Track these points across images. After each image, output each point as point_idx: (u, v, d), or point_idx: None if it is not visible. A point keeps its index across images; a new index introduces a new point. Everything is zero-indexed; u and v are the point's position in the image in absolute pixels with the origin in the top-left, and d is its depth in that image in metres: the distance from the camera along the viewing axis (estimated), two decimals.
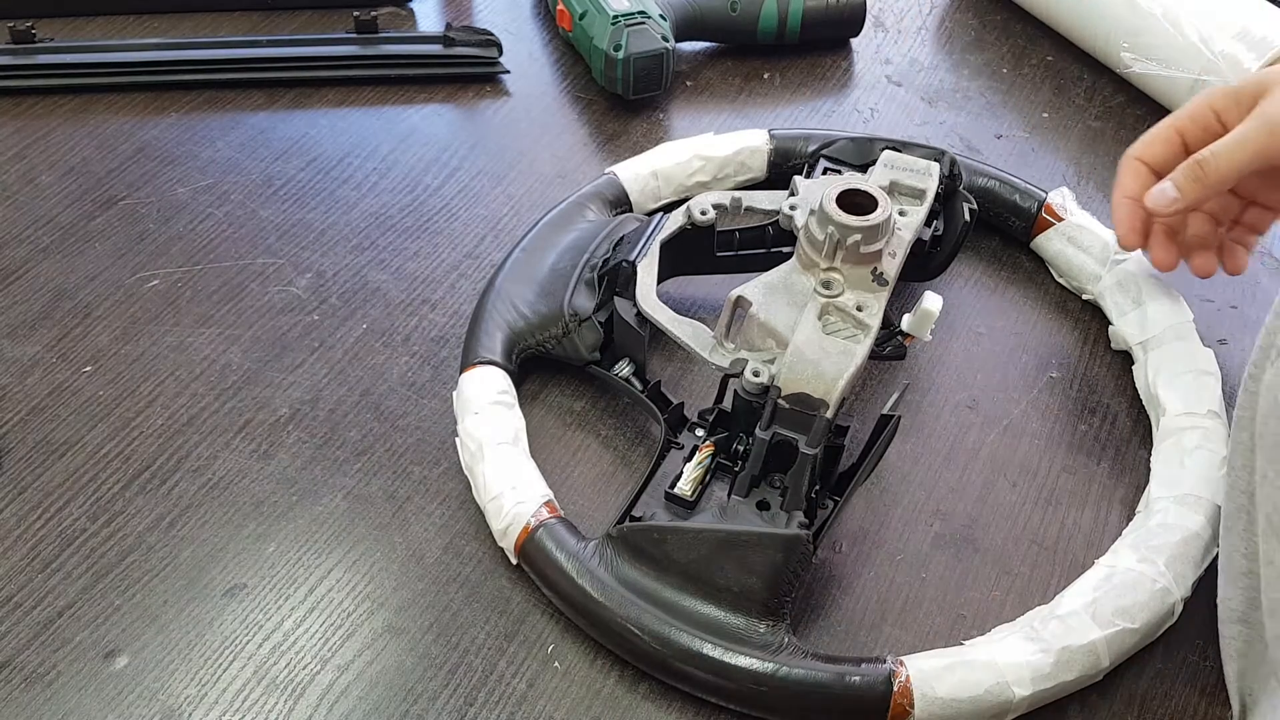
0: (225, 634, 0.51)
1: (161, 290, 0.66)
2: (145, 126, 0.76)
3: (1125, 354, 0.65)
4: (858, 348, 0.53)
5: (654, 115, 0.80)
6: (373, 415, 0.60)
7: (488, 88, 0.81)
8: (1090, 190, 0.75)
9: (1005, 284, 0.69)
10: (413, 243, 0.70)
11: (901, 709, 0.47)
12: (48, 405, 0.60)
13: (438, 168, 0.75)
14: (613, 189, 0.69)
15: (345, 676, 0.50)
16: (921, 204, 0.60)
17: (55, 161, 0.73)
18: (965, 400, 0.63)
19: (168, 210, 0.71)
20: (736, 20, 0.83)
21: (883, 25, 0.89)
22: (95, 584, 0.53)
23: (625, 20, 0.77)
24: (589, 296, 0.61)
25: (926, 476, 0.59)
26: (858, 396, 0.62)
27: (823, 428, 0.51)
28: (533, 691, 0.50)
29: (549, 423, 0.61)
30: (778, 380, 0.52)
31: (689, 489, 0.53)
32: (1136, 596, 0.50)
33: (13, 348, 0.62)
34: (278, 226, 0.70)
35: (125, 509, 0.56)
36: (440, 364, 0.63)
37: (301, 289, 0.67)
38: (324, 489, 0.57)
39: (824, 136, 0.70)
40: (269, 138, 0.76)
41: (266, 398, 0.61)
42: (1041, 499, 0.59)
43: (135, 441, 0.59)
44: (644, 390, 0.58)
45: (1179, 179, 0.56)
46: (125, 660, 0.50)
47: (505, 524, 0.52)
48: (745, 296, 0.55)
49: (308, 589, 0.53)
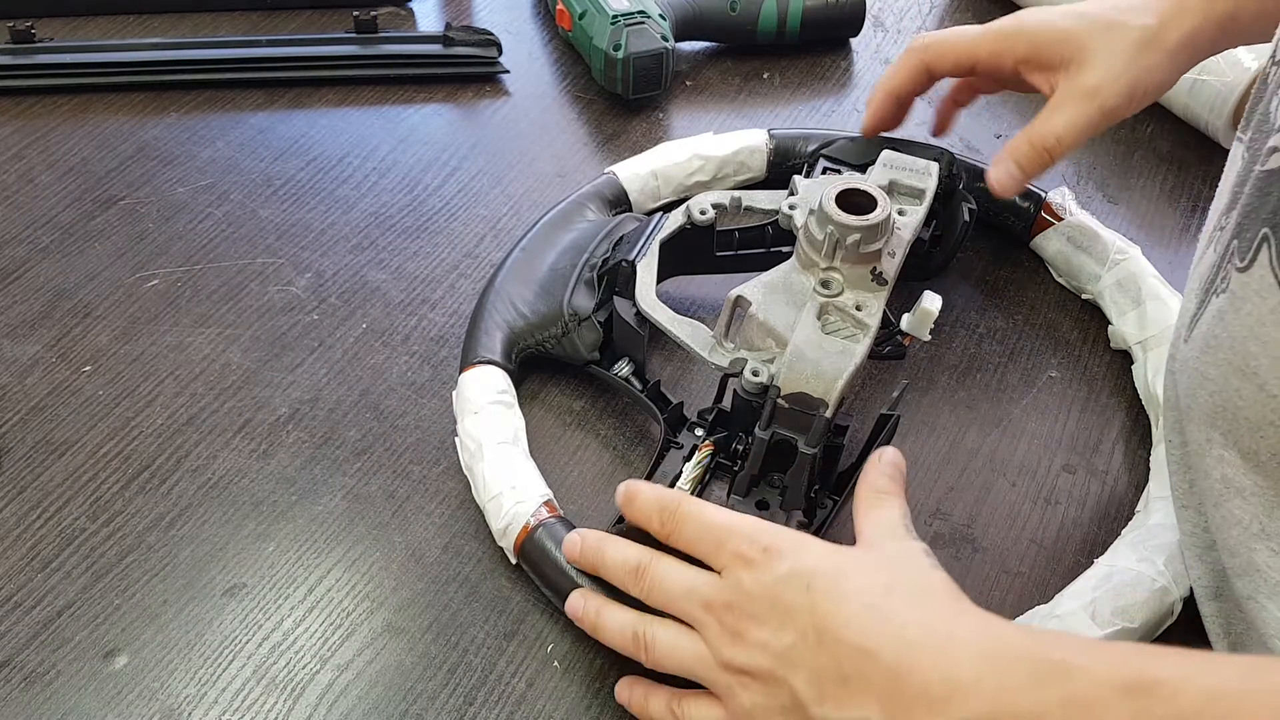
0: (225, 633, 0.51)
1: (161, 290, 0.66)
2: (145, 126, 0.76)
3: (1125, 354, 0.65)
4: (857, 347, 0.53)
5: (653, 115, 0.80)
6: (372, 415, 0.60)
7: (487, 87, 0.81)
8: (1090, 190, 0.75)
9: (1005, 284, 0.69)
10: (412, 242, 0.70)
11: None
12: (47, 405, 0.60)
13: (437, 167, 0.75)
14: (612, 189, 0.69)
15: (345, 676, 0.50)
16: (921, 204, 0.60)
17: (55, 161, 0.73)
18: (965, 400, 0.63)
19: (167, 210, 0.71)
20: (736, 20, 0.83)
21: (883, 25, 0.89)
22: (95, 583, 0.53)
23: (625, 20, 0.77)
24: (588, 296, 0.61)
25: (926, 476, 0.59)
26: (857, 396, 0.62)
27: (822, 427, 0.51)
28: (532, 691, 0.50)
29: (549, 422, 0.61)
30: (777, 380, 0.52)
31: (688, 489, 0.53)
32: (1136, 596, 0.50)
33: (12, 348, 0.62)
34: (277, 226, 0.70)
35: (125, 509, 0.56)
36: (440, 363, 0.63)
37: (301, 289, 0.67)
38: (323, 488, 0.57)
39: (823, 136, 0.70)
40: (268, 137, 0.76)
41: (266, 397, 0.61)
42: (1041, 499, 0.59)
43: (135, 441, 0.59)
44: (643, 390, 0.58)
45: (1025, 163, 0.59)
46: (125, 660, 0.50)
47: (505, 523, 0.52)
48: (744, 296, 0.55)
49: (307, 588, 0.53)
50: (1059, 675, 0.36)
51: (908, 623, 0.40)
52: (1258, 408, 0.41)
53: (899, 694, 0.38)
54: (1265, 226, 0.40)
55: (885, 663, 0.39)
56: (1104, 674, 0.35)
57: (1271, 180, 0.40)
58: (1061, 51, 0.58)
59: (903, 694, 0.38)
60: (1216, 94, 0.74)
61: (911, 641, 0.39)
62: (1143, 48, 0.57)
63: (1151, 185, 0.76)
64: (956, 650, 0.39)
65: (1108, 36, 0.57)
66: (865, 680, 0.39)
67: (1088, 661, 0.36)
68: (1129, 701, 0.34)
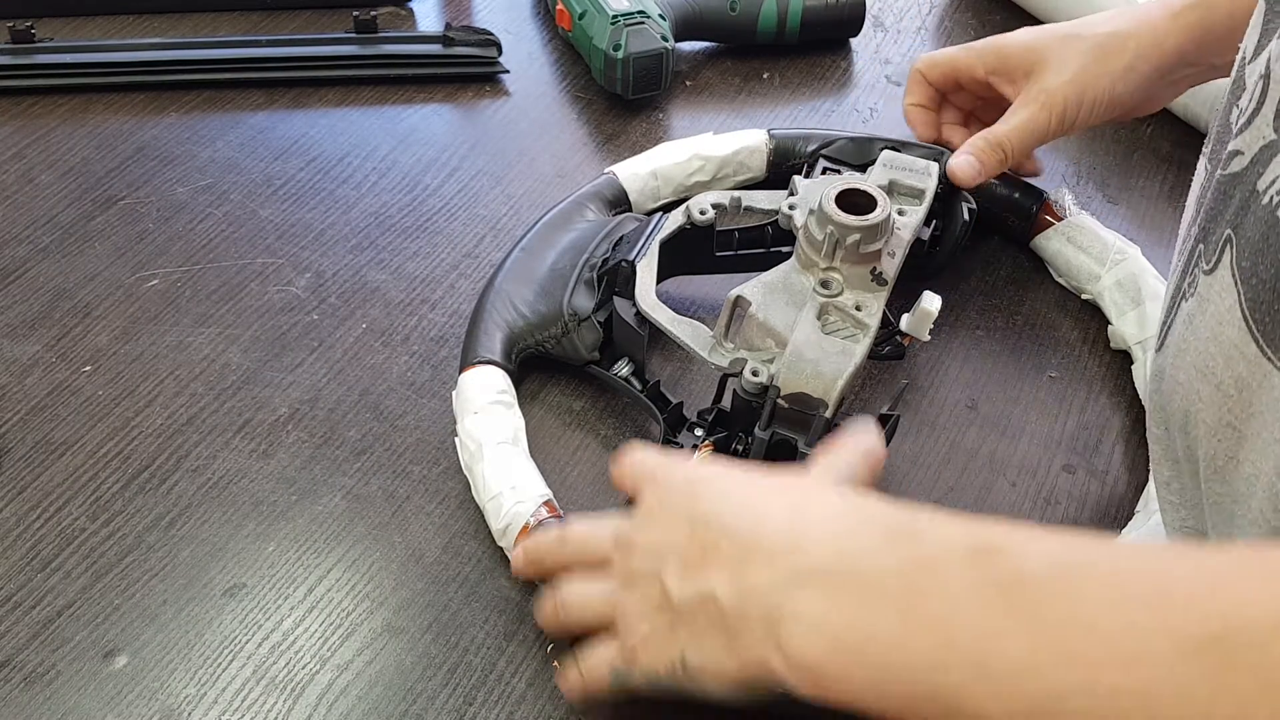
0: (225, 633, 0.51)
1: (161, 290, 0.66)
2: (145, 126, 0.76)
3: (1125, 353, 0.65)
4: (857, 347, 0.53)
5: (653, 115, 0.80)
6: (372, 415, 0.60)
7: (487, 87, 0.81)
8: (1090, 190, 0.75)
9: (1005, 284, 0.69)
10: (412, 242, 0.70)
11: None
12: (47, 405, 0.60)
13: (437, 168, 0.75)
14: (612, 189, 0.69)
15: (345, 676, 0.50)
16: (921, 204, 0.60)
17: (55, 161, 0.73)
18: (965, 400, 0.63)
19: (167, 210, 0.71)
20: (736, 20, 0.83)
21: (882, 25, 0.89)
22: (95, 583, 0.53)
23: (625, 20, 0.77)
24: (588, 296, 0.61)
25: (926, 476, 0.59)
26: (857, 396, 0.62)
27: (821, 427, 0.51)
28: (532, 691, 0.50)
29: (549, 422, 0.61)
30: (777, 380, 0.52)
31: None
32: None
33: (12, 348, 0.62)
34: (277, 226, 0.70)
35: (125, 508, 0.56)
36: (440, 364, 0.63)
37: (301, 289, 0.67)
38: (323, 488, 0.57)
39: (823, 136, 0.70)
40: (268, 137, 0.76)
41: (266, 397, 0.61)
42: (1041, 499, 0.59)
43: (135, 441, 0.59)
44: (643, 390, 0.58)
45: (983, 156, 0.63)
46: (125, 660, 0.50)
47: (504, 523, 0.52)
48: (744, 296, 0.55)
49: (307, 588, 0.53)
50: (908, 538, 0.36)
51: (775, 504, 0.40)
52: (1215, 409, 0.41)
53: (746, 559, 0.39)
54: (1228, 228, 0.40)
55: (741, 536, 0.39)
56: (953, 539, 0.35)
57: (1233, 183, 0.41)
58: (1024, 62, 0.64)
59: (749, 558, 0.39)
60: (1217, 94, 0.74)
61: (770, 516, 0.40)
62: (1098, 54, 0.61)
63: (1151, 185, 0.76)
64: (810, 515, 0.39)
65: (1063, 45, 0.62)
66: (719, 554, 0.40)
67: (941, 529, 0.36)
68: (972, 563, 0.34)
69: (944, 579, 0.34)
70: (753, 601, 0.38)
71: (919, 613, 0.34)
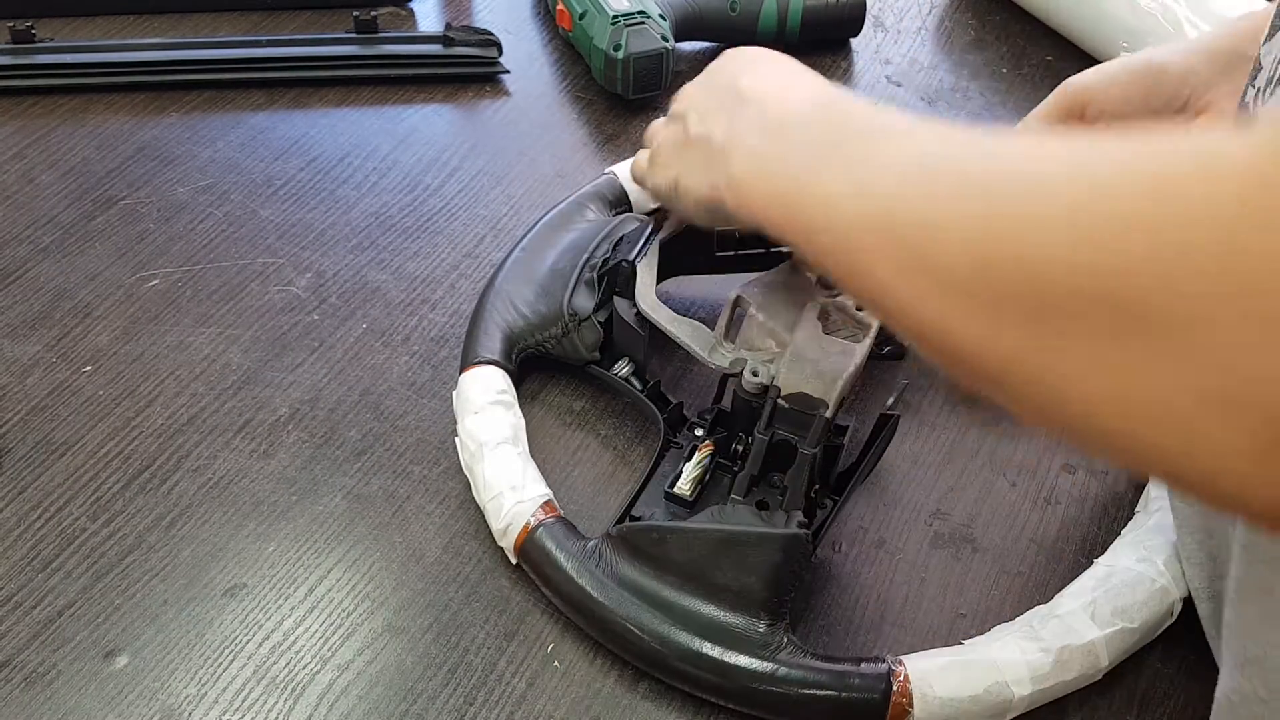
0: (225, 633, 0.51)
1: (161, 290, 0.66)
2: (145, 126, 0.76)
3: None
4: (857, 347, 0.53)
5: (654, 115, 0.79)
6: (372, 415, 0.60)
7: (487, 88, 0.81)
8: None
9: None
10: (412, 243, 0.70)
11: (901, 708, 0.47)
12: (48, 405, 0.60)
13: (437, 168, 0.75)
14: (612, 189, 0.69)
15: (345, 676, 0.50)
16: None
17: (55, 161, 0.73)
18: (965, 400, 0.63)
19: (168, 210, 0.71)
20: (736, 20, 0.83)
21: (883, 25, 0.89)
22: (95, 583, 0.53)
23: (625, 20, 0.77)
24: (589, 296, 0.61)
25: (926, 476, 0.59)
26: (857, 396, 0.62)
27: (822, 427, 0.51)
28: (532, 691, 0.50)
29: (549, 422, 0.61)
30: (777, 380, 0.52)
31: (688, 489, 0.53)
32: (1135, 596, 0.50)
33: (13, 348, 0.62)
34: (277, 226, 0.70)
35: (125, 509, 0.56)
36: (440, 364, 0.63)
37: (301, 289, 0.67)
38: (324, 488, 0.57)
39: None
40: (269, 137, 0.76)
41: (266, 397, 0.61)
42: (1041, 499, 0.59)
43: (135, 441, 0.59)
44: (643, 390, 0.58)
45: None
46: (125, 660, 0.50)
47: (505, 524, 0.52)
48: (745, 296, 0.55)
49: (307, 588, 0.53)
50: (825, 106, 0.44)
51: (784, 82, 0.49)
52: None
53: (738, 114, 0.48)
54: None
55: (745, 99, 0.48)
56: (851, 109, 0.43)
57: None
58: None
59: (740, 113, 0.48)
60: None
61: (772, 89, 0.48)
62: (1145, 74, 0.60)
63: None
64: (796, 91, 0.47)
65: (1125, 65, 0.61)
66: (723, 109, 0.50)
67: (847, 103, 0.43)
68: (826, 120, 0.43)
69: (814, 133, 0.43)
70: (732, 143, 0.48)
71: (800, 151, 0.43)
